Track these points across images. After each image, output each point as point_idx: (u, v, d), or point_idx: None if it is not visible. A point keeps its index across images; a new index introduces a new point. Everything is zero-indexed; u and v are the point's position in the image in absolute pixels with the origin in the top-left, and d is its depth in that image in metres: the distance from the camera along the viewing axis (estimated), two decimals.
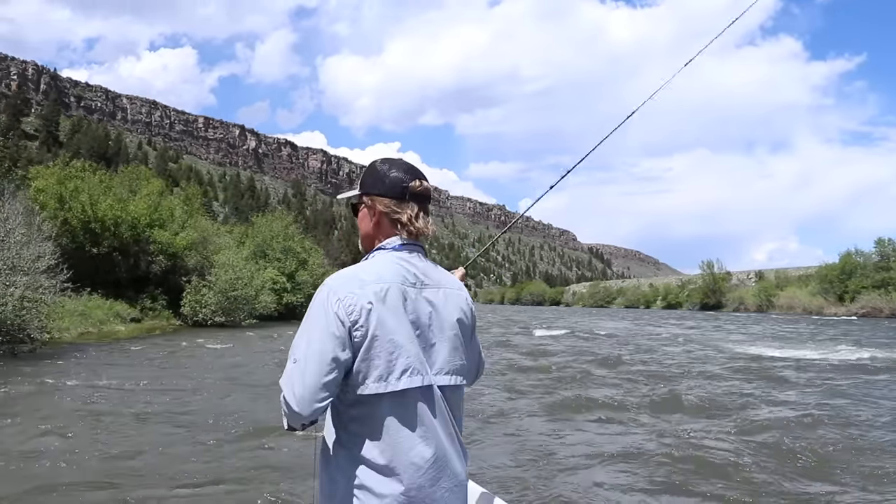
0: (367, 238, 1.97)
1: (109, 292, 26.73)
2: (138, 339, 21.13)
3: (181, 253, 28.89)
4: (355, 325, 1.74)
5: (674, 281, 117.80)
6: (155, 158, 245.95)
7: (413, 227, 1.91)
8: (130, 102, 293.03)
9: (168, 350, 17.72)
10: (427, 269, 1.92)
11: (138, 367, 13.84)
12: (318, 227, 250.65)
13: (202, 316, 27.98)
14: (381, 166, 1.95)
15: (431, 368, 1.84)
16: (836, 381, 12.42)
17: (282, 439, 7.11)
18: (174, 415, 8.70)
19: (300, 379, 1.72)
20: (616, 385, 11.87)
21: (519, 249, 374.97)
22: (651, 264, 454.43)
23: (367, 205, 1.95)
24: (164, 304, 28.50)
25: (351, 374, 1.76)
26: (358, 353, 1.75)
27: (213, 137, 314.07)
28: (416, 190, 1.92)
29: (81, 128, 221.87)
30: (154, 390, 10.62)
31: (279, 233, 39.32)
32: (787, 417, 8.61)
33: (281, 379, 1.77)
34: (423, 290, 1.88)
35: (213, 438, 7.37)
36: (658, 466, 6.42)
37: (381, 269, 1.83)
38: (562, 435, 7.91)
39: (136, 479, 5.77)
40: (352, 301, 1.74)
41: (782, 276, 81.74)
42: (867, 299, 56.88)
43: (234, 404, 9.52)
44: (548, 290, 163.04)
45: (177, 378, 12.09)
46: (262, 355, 16.80)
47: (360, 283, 1.78)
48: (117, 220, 27.15)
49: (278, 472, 6.11)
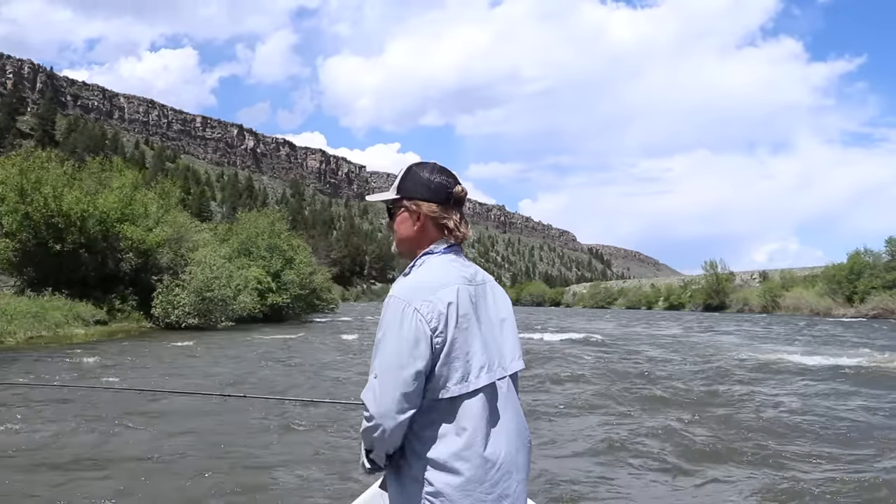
0: (408, 241, 1.99)
1: (75, 292, 24.81)
2: (96, 344, 19.13)
3: (154, 250, 26.91)
4: (436, 333, 1.77)
5: (675, 281, 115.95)
6: (152, 158, 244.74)
7: (459, 233, 1.96)
8: (128, 101, 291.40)
9: (113, 359, 15.63)
10: (471, 266, 1.97)
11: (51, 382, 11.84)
12: (316, 226, 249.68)
13: (174, 318, 25.97)
14: (422, 171, 1.97)
15: (504, 360, 1.92)
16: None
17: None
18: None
19: (384, 392, 1.74)
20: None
21: (518, 250, 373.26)
22: (651, 265, 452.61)
23: (410, 209, 1.96)
24: (134, 305, 26.51)
25: (431, 379, 1.79)
26: (438, 359, 1.78)
27: (211, 137, 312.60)
28: (459, 195, 1.96)
29: (78, 127, 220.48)
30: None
31: (265, 229, 37.26)
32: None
33: (363, 394, 1.81)
34: (479, 286, 1.93)
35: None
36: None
37: (443, 273, 1.88)
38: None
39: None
40: (429, 309, 1.78)
41: (787, 277, 79.78)
42: (878, 300, 54.94)
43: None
44: (548, 291, 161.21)
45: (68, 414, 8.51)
46: (204, 367, 14.85)
47: (430, 290, 1.81)
48: (84, 214, 25.20)
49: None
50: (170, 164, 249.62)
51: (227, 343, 20.75)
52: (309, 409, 8.75)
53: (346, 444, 7.12)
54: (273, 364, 14.90)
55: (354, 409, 7.73)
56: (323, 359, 16.44)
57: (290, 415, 8.53)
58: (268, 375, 12.78)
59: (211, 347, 19.01)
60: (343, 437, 7.51)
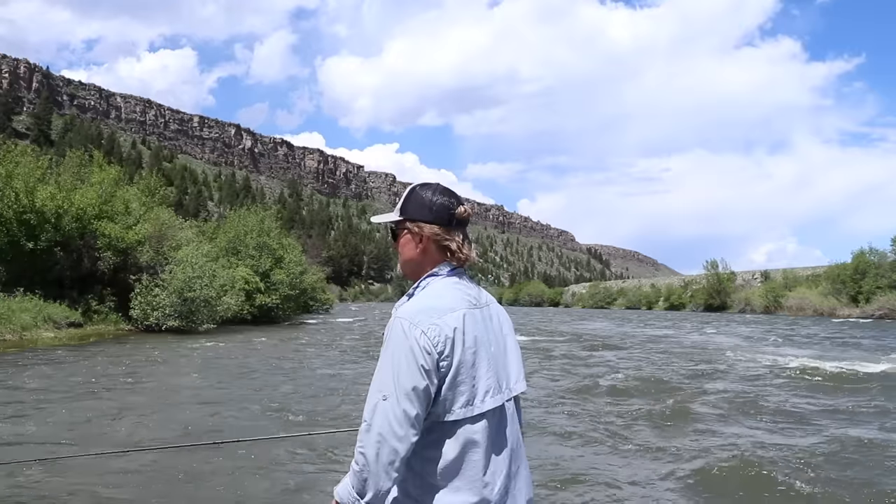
0: (411, 263, 1.98)
1: (49, 293, 23.54)
2: (63, 350, 17.78)
3: (134, 248, 25.59)
4: (442, 356, 1.77)
5: (676, 281, 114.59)
6: (149, 158, 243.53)
7: (462, 255, 1.93)
8: (125, 101, 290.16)
9: (59, 371, 14.31)
10: (475, 289, 1.96)
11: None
12: (314, 226, 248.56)
13: (154, 320, 24.63)
14: (424, 192, 1.96)
15: (509, 381, 1.92)
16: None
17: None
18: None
19: (399, 415, 1.71)
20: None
21: (517, 250, 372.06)
22: (650, 265, 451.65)
23: (413, 231, 1.95)
24: (111, 307, 25.20)
25: (436, 403, 1.78)
26: (444, 382, 1.77)
27: (208, 137, 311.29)
28: (462, 216, 1.95)
29: (74, 126, 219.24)
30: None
31: (253, 227, 35.87)
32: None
33: (366, 413, 1.76)
34: (482, 309, 1.92)
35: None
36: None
37: (448, 297, 1.86)
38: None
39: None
40: (435, 333, 1.77)
41: (790, 277, 78.47)
42: (884, 300, 53.71)
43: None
44: (546, 291, 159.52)
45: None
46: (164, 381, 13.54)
47: (437, 314, 1.80)
48: (59, 210, 23.94)
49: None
50: (167, 164, 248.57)
51: (203, 349, 19.44)
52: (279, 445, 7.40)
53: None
54: (240, 378, 13.56)
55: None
56: (301, 371, 15.14)
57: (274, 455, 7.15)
58: (236, 397, 11.38)
59: (181, 354, 17.67)
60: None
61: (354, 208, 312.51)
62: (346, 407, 9.48)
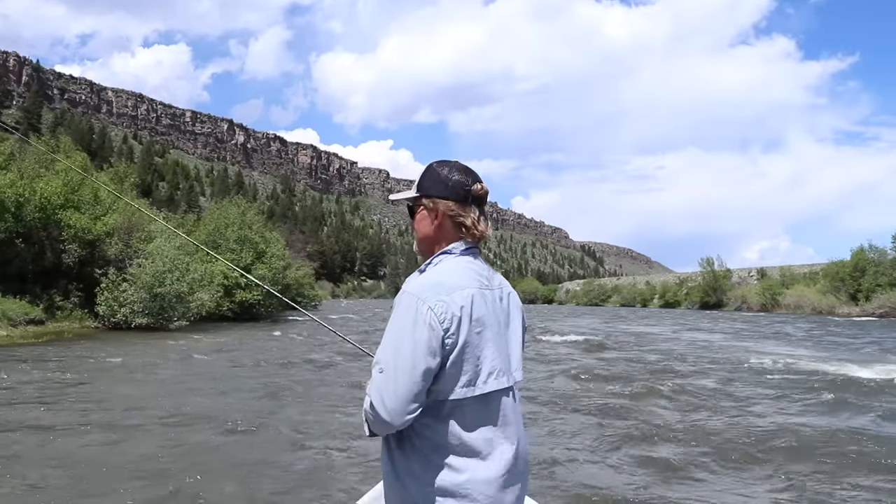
0: (427, 240, 1.94)
1: (10, 287, 21.98)
2: (12, 349, 16.28)
3: (102, 240, 24.01)
4: (447, 333, 1.72)
5: (670, 279, 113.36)
6: (140, 152, 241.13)
7: (477, 231, 1.91)
8: (116, 95, 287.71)
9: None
10: (487, 271, 1.93)
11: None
12: (307, 222, 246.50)
13: (121, 316, 23.04)
14: (441, 169, 1.93)
15: (506, 369, 1.86)
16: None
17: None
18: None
19: (392, 390, 1.68)
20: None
21: (511, 247, 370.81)
22: (643, 262, 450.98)
23: (429, 207, 1.92)
24: (77, 303, 23.63)
25: (439, 380, 1.74)
26: (448, 359, 1.73)
27: (200, 132, 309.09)
28: (478, 193, 1.92)
29: (64, 121, 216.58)
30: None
31: (234, 220, 34.23)
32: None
33: (368, 388, 1.75)
34: (492, 291, 1.88)
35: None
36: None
37: (458, 275, 1.82)
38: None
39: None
40: (442, 309, 1.72)
41: (787, 274, 77.30)
42: (885, 298, 52.53)
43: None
44: (540, 288, 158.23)
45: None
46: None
47: (446, 291, 1.76)
48: (20, 200, 22.37)
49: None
50: (158, 159, 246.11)
51: (164, 350, 17.91)
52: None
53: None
54: (199, 389, 12.05)
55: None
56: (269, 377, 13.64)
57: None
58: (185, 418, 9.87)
59: (135, 356, 16.14)
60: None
61: (348, 204, 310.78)
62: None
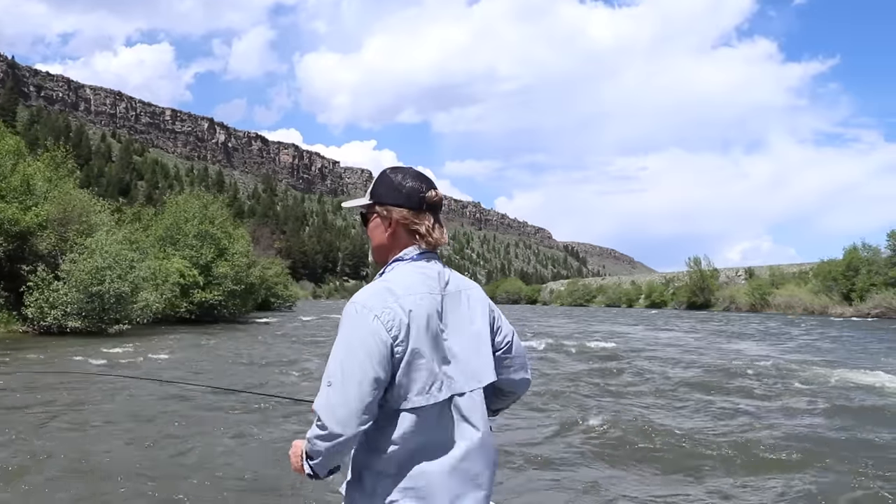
0: (381, 248, 1.90)
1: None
2: None
3: (33, 233, 21.30)
4: (396, 341, 1.67)
5: (656, 279, 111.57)
6: (119, 151, 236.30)
7: (431, 238, 1.85)
8: (94, 93, 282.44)
9: None
10: (445, 274, 1.87)
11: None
12: (288, 222, 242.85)
13: (52, 319, 20.28)
14: (395, 176, 1.88)
15: (466, 374, 1.79)
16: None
17: None
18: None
19: (342, 403, 1.63)
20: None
21: (494, 247, 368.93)
22: (626, 262, 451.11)
23: (382, 215, 1.87)
24: (2, 304, 20.86)
25: (390, 389, 1.69)
26: (398, 368, 1.68)
27: (180, 130, 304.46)
28: (432, 200, 1.87)
29: (41, 118, 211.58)
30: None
31: (194, 214, 31.47)
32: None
33: (315, 403, 1.69)
34: (448, 296, 1.82)
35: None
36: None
37: (408, 280, 1.77)
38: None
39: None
40: (390, 316, 1.67)
41: (776, 274, 75.65)
42: (880, 298, 50.78)
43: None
44: (524, 288, 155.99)
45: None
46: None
47: (393, 297, 1.71)
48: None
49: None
50: (137, 158, 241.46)
51: (62, 362, 15.29)
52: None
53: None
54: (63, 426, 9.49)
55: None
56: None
57: None
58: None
59: (22, 375, 13.51)
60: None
61: (330, 204, 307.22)
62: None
